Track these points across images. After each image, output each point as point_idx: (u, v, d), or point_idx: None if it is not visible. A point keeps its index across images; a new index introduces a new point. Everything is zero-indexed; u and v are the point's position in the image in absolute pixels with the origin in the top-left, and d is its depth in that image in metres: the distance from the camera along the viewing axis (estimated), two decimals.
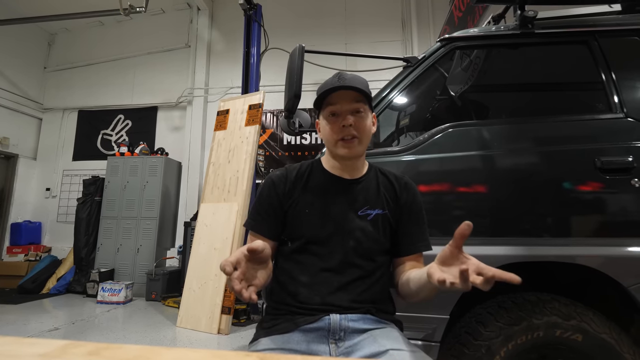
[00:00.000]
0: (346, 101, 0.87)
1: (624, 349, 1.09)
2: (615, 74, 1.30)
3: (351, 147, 0.88)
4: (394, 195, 0.95)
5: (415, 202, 0.95)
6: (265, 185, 0.95)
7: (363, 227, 0.89)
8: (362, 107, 0.88)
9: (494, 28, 1.51)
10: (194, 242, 3.24)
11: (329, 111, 0.88)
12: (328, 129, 0.89)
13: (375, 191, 0.94)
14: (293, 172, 0.96)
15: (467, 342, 1.15)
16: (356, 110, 0.87)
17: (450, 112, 1.53)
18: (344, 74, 0.88)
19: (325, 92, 0.86)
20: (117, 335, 2.83)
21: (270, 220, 0.91)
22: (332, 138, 0.89)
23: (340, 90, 0.86)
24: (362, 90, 0.86)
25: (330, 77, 0.90)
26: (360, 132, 0.88)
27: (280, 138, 4.96)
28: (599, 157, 1.19)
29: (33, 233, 5.24)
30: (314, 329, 0.81)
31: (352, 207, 0.90)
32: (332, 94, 0.87)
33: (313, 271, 0.86)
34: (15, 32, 5.33)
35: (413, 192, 0.96)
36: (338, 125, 0.87)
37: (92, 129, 5.63)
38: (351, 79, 0.87)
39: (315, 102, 0.91)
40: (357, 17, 5.14)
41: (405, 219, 0.94)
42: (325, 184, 0.93)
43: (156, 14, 5.55)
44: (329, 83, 0.88)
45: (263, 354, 0.29)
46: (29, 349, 0.29)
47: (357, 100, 0.87)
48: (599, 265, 1.13)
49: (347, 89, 0.85)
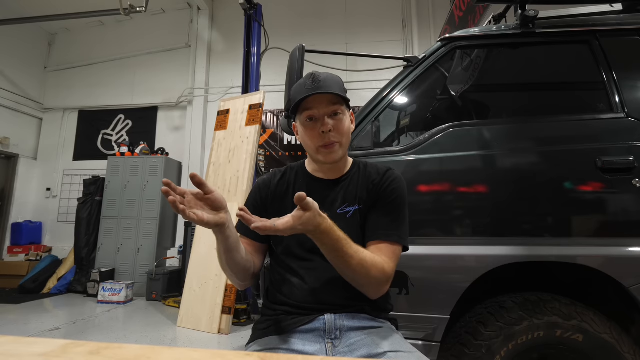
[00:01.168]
0: (323, 104, 0.84)
1: (625, 349, 1.09)
2: (616, 74, 1.29)
3: (332, 153, 0.85)
4: (372, 185, 0.90)
5: (390, 191, 0.88)
6: (253, 189, 0.96)
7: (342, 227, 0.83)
8: (340, 108, 0.85)
9: (495, 28, 1.51)
10: (195, 242, 3.24)
11: (306, 116, 0.85)
12: (307, 135, 0.86)
13: (355, 187, 0.91)
14: (277, 176, 0.96)
15: (467, 342, 1.15)
16: (334, 113, 0.85)
17: (450, 112, 1.52)
18: (318, 74, 0.85)
19: (301, 100, 0.84)
20: (118, 334, 2.84)
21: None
22: (312, 144, 0.86)
23: (316, 94, 0.82)
24: (337, 92, 0.83)
25: (304, 79, 0.87)
26: (340, 135, 0.85)
27: (281, 138, 4.96)
28: (600, 157, 1.19)
29: (34, 233, 5.25)
30: (310, 330, 0.81)
31: (332, 207, 0.89)
32: (308, 98, 0.83)
33: (301, 273, 0.86)
34: (15, 32, 5.34)
35: (391, 181, 0.90)
36: (317, 131, 0.84)
37: (92, 129, 5.63)
38: (325, 80, 0.84)
39: (292, 107, 0.88)
40: (357, 16, 5.14)
41: (377, 207, 0.88)
42: (307, 187, 0.92)
43: (156, 14, 5.55)
44: (303, 87, 0.85)
45: (264, 354, 0.29)
46: (30, 349, 0.29)
47: (333, 102, 0.84)
48: (600, 265, 1.13)
49: (322, 93, 0.82)
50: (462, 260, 1.21)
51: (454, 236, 1.24)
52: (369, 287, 0.78)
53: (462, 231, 1.24)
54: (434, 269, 1.23)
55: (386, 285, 0.80)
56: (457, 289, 1.18)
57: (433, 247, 1.21)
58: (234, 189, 3.15)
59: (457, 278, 1.20)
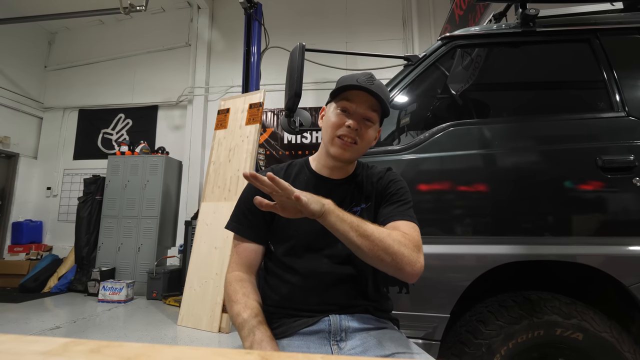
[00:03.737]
0: (363, 104, 0.84)
1: (625, 347, 1.09)
2: (616, 73, 1.29)
3: (346, 149, 0.85)
4: (374, 186, 0.92)
5: (393, 185, 0.91)
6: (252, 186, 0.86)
7: None
8: (375, 117, 0.85)
9: (495, 26, 1.50)
10: (195, 241, 3.24)
11: (342, 106, 0.85)
12: (332, 121, 0.86)
13: (360, 187, 0.92)
14: (280, 172, 0.93)
15: (467, 340, 1.15)
16: (367, 118, 0.85)
17: (451, 111, 1.52)
18: (374, 77, 0.85)
19: (348, 86, 0.83)
20: (118, 333, 2.84)
21: (259, 224, 0.87)
22: (332, 131, 0.85)
23: (365, 91, 0.82)
24: (383, 102, 0.83)
25: (360, 73, 0.86)
26: (361, 140, 0.85)
27: (281, 137, 4.96)
28: (600, 155, 1.19)
29: (34, 232, 5.25)
30: (314, 332, 0.79)
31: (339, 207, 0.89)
32: (355, 90, 0.83)
33: (304, 272, 0.83)
34: (15, 31, 5.33)
35: (393, 180, 0.92)
36: (343, 122, 0.84)
37: (92, 128, 5.63)
38: (379, 86, 0.84)
39: (334, 90, 0.86)
40: (357, 15, 5.13)
41: (384, 201, 0.90)
42: (313, 185, 0.90)
43: (156, 13, 5.54)
44: (355, 78, 0.84)
45: (264, 352, 0.29)
46: (30, 347, 0.29)
47: (373, 108, 0.84)
48: (600, 264, 1.13)
49: (372, 94, 0.82)
50: (463, 259, 1.21)
51: (454, 235, 1.24)
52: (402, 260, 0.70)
53: (463, 230, 1.24)
54: (434, 268, 1.23)
55: (419, 253, 0.74)
56: (457, 287, 1.18)
57: (433, 246, 1.21)
58: (234, 188, 3.15)
59: (458, 277, 1.20)
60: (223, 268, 2.93)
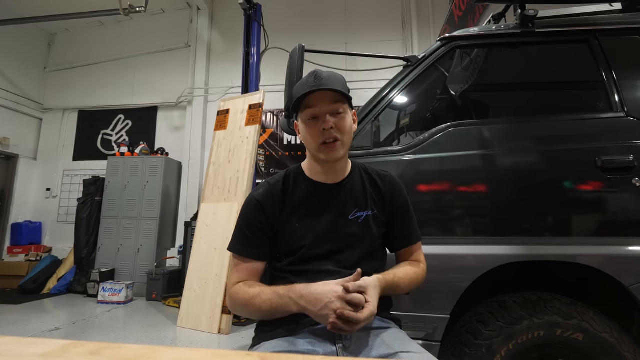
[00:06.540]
0: (325, 102, 0.83)
1: (625, 348, 1.09)
2: (616, 73, 1.29)
3: (334, 151, 0.84)
4: (380, 193, 0.94)
5: (402, 199, 0.96)
6: (251, 206, 0.89)
7: (355, 232, 0.88)
8: (342, 107, 0.84)
9: (495, 27, 1.51)
10: (195, 242, 3.24)
11: (308, 114, 0.84)
12: (308, 133, 0.86)
13: (362, 192, 0.93)
14: (277, 186, 0.92)
15: (467, 341, 1.15)
16: (336, 112, 0.84)
17: (450, 112, 1.52)
18: (320, 72, 0.84)
19: (302, 96, 0.83)
20: (118, 335, 2.84)
21: (262, 243, 0.87)
22: (314, 142, 0.85)
23: (318, 91, 0.82)
24: (339, 90, 0.82)
25: (306, 77, 0.86)
26: (342, 133, 0.84)
27: (281, 138, 4.96)
28: (599, 156, 1.19)
29: (33, 233, 5.25)
30: (319, 331, 0.79)
31: (342, 213, 0.89)
32: (310, 95, 0.83)
33: (312, 277, 0.83)
34: (15, 32, 5.33)
35: (399, 188, 0.97)
36: (318, 128, 0.83)
37: (92, 129, 5.63)
38: (328, 77, 0.83)
39: (294, 105, 0.86)
40: (357, 16, 5.14)
41: (396, 218, 0.95)
42: (311, 193, 0.91)
43: (156, 14, 5.54)
44: (305, 84, 0.84)
45: (264, 354, 0.29)
46: (30, 349, 0.29)
47: (336, 100, 0.83)
48: (600, 264, 1.13)
49: (325, 90, 0.82)
50: (462, 260, 1.21)
51: (454, 236, 1.24)
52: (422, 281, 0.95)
53: (462, 231, 1.24)
54: (434, 269, 1.22)
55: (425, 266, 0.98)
56: (457, 288, 1.18)
57: (433, 246, 1.21)
58: (234, 189, 3.15)
59: (457, 277, 1.20)
60: (223, 269, 2.93)
